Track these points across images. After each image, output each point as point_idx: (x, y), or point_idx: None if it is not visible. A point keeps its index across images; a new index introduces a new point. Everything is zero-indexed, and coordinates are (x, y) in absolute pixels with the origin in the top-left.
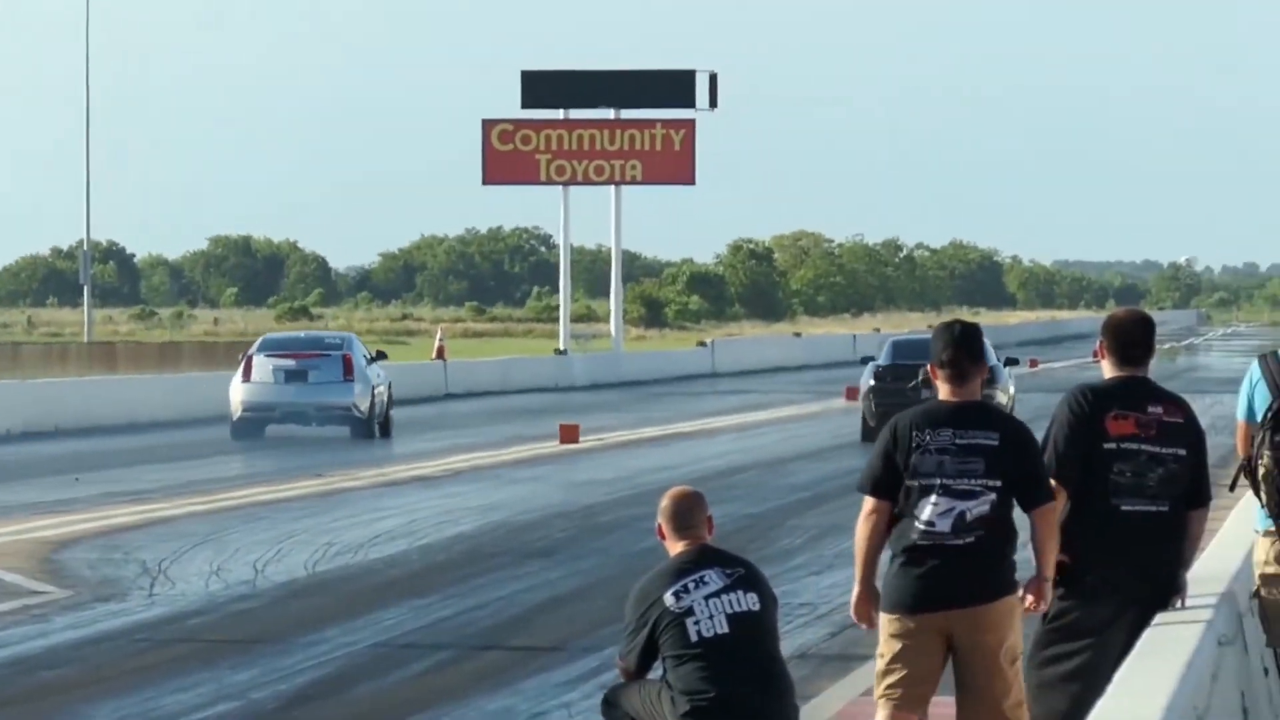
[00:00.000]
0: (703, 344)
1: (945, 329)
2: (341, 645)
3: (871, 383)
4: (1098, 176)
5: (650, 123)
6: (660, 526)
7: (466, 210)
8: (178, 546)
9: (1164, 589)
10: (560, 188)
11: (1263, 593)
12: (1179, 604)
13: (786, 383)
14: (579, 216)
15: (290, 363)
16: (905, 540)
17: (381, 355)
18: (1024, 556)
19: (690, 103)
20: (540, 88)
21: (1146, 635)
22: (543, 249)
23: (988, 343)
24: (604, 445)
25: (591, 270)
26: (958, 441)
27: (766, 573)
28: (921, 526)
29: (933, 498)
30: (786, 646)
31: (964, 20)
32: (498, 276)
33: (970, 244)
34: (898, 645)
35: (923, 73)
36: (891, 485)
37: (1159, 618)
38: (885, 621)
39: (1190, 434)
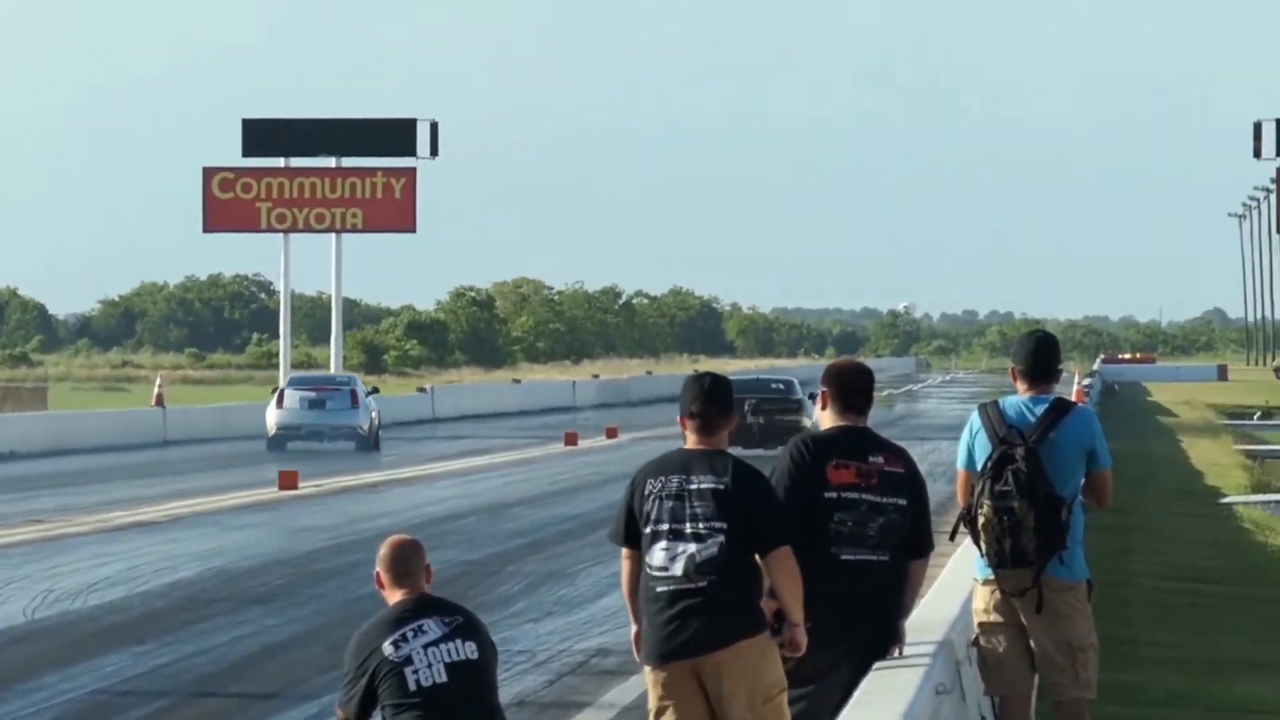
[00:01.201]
0: (423, 390)
1: (695, 382)
2: (61, 692)
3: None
4: (816, 224)
5: (371, 171)
6: (378, 575)
7: (187, 257)
8: None
9: (883, 638)
10: (281, 235)
11: (981, 641)
12: (897, 653)
13: (506, 428)
14: (300, 264)
15: (312, 394)
16: (648, 589)
17: (375, 390)
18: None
19: (411, 151)
20: (261, 136)
21: (865, 684)
22: (263, 296)
23: (794, 379)
24: (324, 491)
25: (312, 317)
26: (688, 487)
27: (485, 620)
28: (656, 573)
29: (663, 542)
30: (505, 694)
31: (682, 65)
32: (218, 323)
33: (689, 291)
34: (660, 694)
35: (643, 122)
36: (633, 534)
37: (877, 666)
38: (646, 674)
39: (911, 484)
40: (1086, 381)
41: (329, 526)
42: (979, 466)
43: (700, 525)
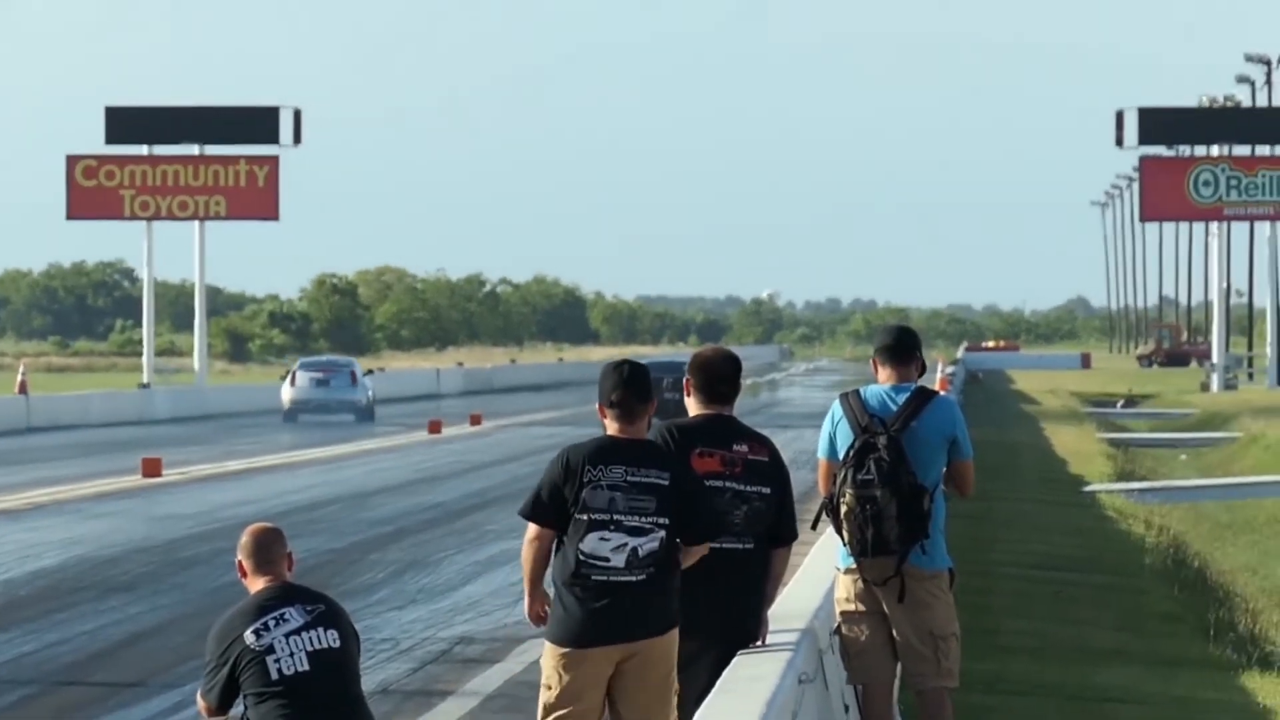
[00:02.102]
0: (284, 378)
1: (614, 370)
2: None
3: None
4: (679, 212)
5: (234, 159)
6: (240, 563)
7: (50, 245)
8: None
9: (746, 626)
10: (144, 223)
11: (843, 630)
12: (760, 641)
13: None
14: (163, 251)
15: (319, 375)
16: (574, 573)
17: (371, 372)
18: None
19: (274, 139)
20: (125, 124)
21: (728, 672)
22: (127, 283)
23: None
24: (187, 479)
25: (176, 304)
26: (629, 479)
27: (348, 608)
28: (593, 561)
29: (604, 533)
30: (368, 682)
31: (550, 55)
32: (82, 310)
33: (553, 279)
34: (567, 678)
35: (506, 111)
36: (557, 515)
37: (740, 655)
38: (553, 654)
39: (775, 472)
40: (950, 370)
41: (192, 514)
42: (840, 455)
43: (643, 519)
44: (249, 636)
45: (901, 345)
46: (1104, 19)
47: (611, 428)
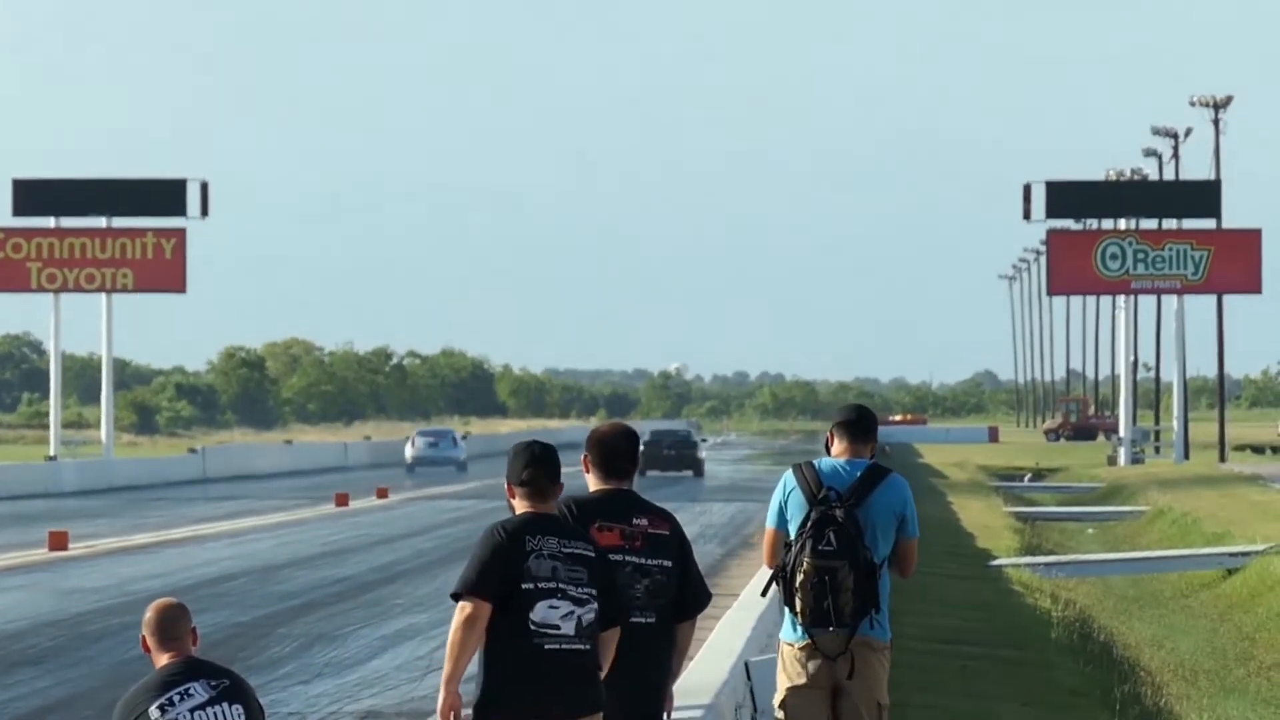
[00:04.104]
0: (194, 450)
1: (525, 449)
2: None
3: (643, 447)
4: (587, 286)
5: (141, 231)
6: (144, 638)
7: None
8: None
9: (650, 703)
10: (52, 295)
11: (789, 703)
12: (666, 716)
13: (278, 489)
14: (70, 324)
15: (431, 439)
16: (520, 646)
17: (465, 436)
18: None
19: (182, 211)
20: (32, 195)
21: None
22: (34, 356)
23: (691, 429)
24: (94, 552)
25: (83, 377)
26: (564, 549)
27: (254, 682)
28: (543, 629)
29: (552, 600)
30: None
31: (456, 128)
32: None
33: (461, 352)
34: None
35: (411, 184)
36: (501, 587)
37: None
38: None
39: (676, 545)
40: None
41: (99, 588)
42: (791, 526)
43: (581, 590)
44: (154, 712)
45: (862, 421)
46: (1010, 93)
47: (521, 506)
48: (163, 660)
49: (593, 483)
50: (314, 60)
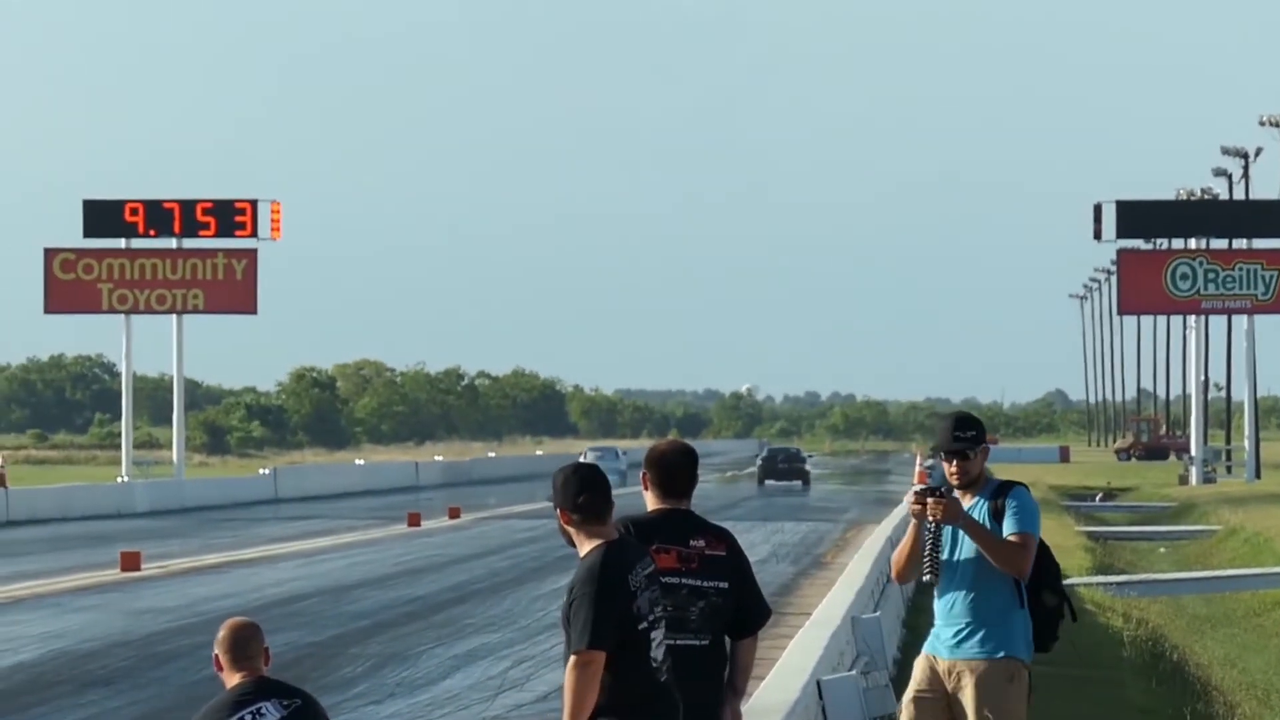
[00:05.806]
0: (265, 471)
1: (577, 477)
2: None
3: (760, 462)
4: (659, 306)
5: (212, 252)
6: (217, 657)
7: (29, 338)
8: None
9: None
10: (123, 316)
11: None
12: None
13: (350, 509)
14: (142, 345)
15: (599, 454)
16: (644, 685)
17: (626, 451)
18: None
19: (253, 232)
20: (103, 217)
21: None
22: (106, 377)
23: (800, 447)
24: (166, 573)
25: (154, 397)
26: (644, 572)
27: (325, 702)
28: (661, 666)
29: (658, 634)
30: None
31: (523, 147)
32: (60, 404)
33: (532, 373)
34: None
35: (483, 204)
36: (620, 634)
37: None
38: None
39: (733, 566)
40: (929, 463)
41: (171, 608)
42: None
43: (658, 611)
44: None
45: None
46: (1082, 111)
47: (584, 532)
48: (235, 680)
49: (651, 501)
50: (387, 81)
